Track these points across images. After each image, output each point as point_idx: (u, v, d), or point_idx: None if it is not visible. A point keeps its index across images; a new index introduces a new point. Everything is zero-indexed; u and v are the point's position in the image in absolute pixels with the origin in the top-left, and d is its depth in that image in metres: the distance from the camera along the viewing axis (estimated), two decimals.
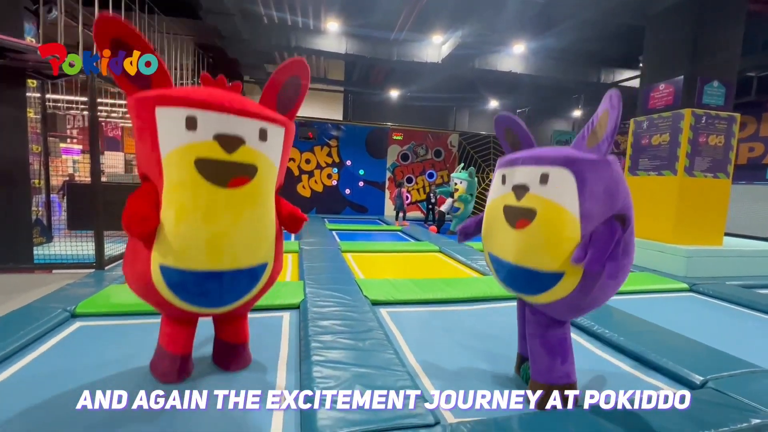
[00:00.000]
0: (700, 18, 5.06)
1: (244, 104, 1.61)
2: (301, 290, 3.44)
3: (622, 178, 1.73)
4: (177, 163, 1.49)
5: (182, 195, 1.49)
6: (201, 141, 1.49)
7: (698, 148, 5.15)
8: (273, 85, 1.78)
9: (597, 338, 2.88)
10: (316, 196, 11.14)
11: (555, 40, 8.67)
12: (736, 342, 2.90)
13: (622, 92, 6.77)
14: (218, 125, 1.51)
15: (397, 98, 13.39)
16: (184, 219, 1.50)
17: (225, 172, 1.53)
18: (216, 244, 1.54)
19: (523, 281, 1.80)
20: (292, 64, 1.80)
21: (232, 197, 1.55)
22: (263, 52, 10.02)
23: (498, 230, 1.85)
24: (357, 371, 2.03)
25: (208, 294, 1.63)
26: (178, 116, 1.49)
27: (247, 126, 1.58)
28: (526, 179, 1.72)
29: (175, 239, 1.50)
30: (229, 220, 1.55)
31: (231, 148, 1.53)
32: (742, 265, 5.08)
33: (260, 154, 1.62)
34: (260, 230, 1.68)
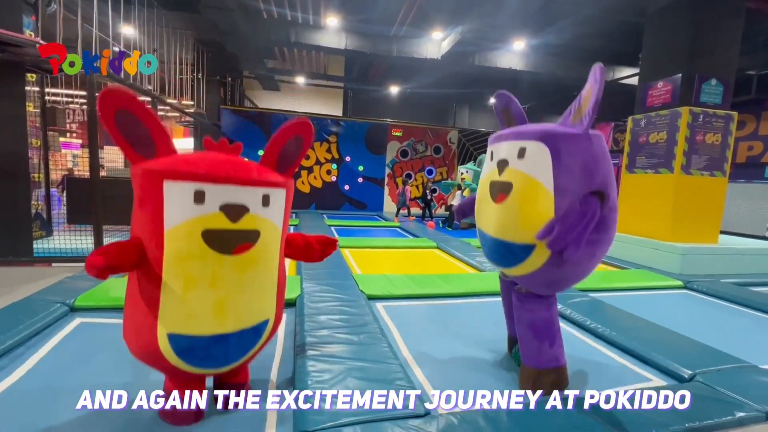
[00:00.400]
0: (699, 16, 5.06)
1: (248, 173, 1.66)
2: (298, 285, 3.47)
3: (604, 154, 1.72)
4: (184, 236, 1.53)
5: (189, 266, 1.54)
6: (208, 213, 1.54)
7: (695, 146, 5.17)
8: (276, 144, 1.82)
9: (591, 333, 2.91)
10: (315, 191, 11.17)
11: (555, 36, 8.66)
12: (727, 338, 2.94)
13: (621, 90, 6.79)
14: (224, 196, 1.57)
15: (397, 94, 13.38)
16: (192, 288, 1.55)
17: (230, 240, 1.59)
18: (222, 309, 1.61)
19: (500, 253, 1.85)
20: (296, 125, 1.86)
21: (236, 262, 1.61)
22: (262, 47, 10.00)
23: (484, 205, 1.91)
24: (351, 365, 2.07)
25: (215, 356, 1.70)
26: (186, 190, 1.52)
27: (250, 194, 1.64)
28: (507, 154, 1.76)
29: (183, 307, 1.56)
30: (233, 284, 1.61)
31: (236, 217, 1.59)
32: (737, 262, 5.12)
33: (263, 219, 1.69)
34: (262, 290, 1.75)
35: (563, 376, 1.90)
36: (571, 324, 3.09)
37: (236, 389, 2.10)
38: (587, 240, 1.66)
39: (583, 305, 3.33)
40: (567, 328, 3.01)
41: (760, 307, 3.71)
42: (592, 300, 3.50)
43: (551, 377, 1.89)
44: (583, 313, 3.14)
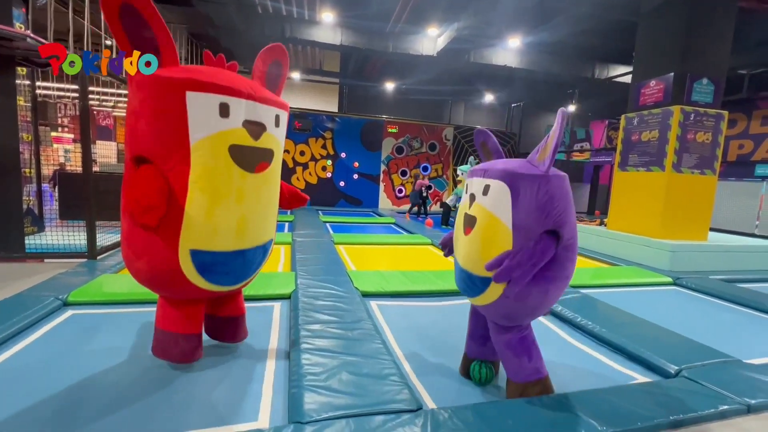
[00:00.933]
0: (691, 16, 5.10)
1: (263, 91, 1.70)
2: (292, 281, 3.49)
3: (563, 193, 1.76)
4: (211, 149, 1.51)
5: (216, 180, 1.53)
6: (233, 128, 1.54)
7: (686, 145, 5.23)
8: (259, 72, 1.88)
9: (580, 329, 2.96)
10: (311, 188, 11.15)
11: (550, 34, 8.67)
12: (714, 334, 3.01)
13: (615, 88, 6.88)
14: (246, 112, 1.58)
15: (393, 91, 13.35)
16: (219, 203, 1.54)
17: (253, 157, 1.61)
18: (244, 225, 1.64)
19: (465, 283, 1.96)
20: (271, 49, 1.91)
21: (256, 181, 1.64)
22: (257, 42, 9.91)
23: (458, 236, 2.00)
24: (344, 359, 2.10)
25: (233, 272, 1.73)
26: (211, 103, 1.50)
27: (267, 113, 1.67)
28: (476, 189, 1.87)
29: (209, 223, 1.54)
30: (254, 201, 1.65)
31: (257, 134, 1.61)
32: (725, 259, 5.21)
33: (276, 139, 1.73)
34: (272, 209, 1.83)
35: (547, 385, 1.95)
36: (561, 321, 3.14)
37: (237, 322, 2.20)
38: (543, 277, 1.73)
39: (573, 302, 3.38)
40: (557, 327, 3.06)
41: (747, 303, 3.79)
42: (583, 296, 3.56)
43: (536, 389, 1.94)
44: (574, 309, 3.19)
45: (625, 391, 1.99)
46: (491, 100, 14.81)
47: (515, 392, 1.95)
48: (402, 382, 1.91)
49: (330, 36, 8.89)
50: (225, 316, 2.11)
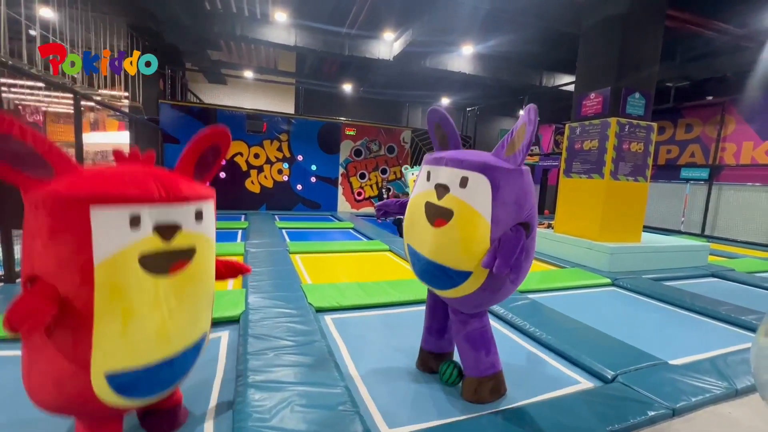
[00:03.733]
0: (625, 34, 5.50)
1: (179, 188, 1.54)
2: (242, 300, 3.33)
3: (532, 188, 1.86)
4: (121, 266, 1.38)
5: (127, 295, 1.40)
6: (144, 238, 1.42)
7: (622, 154, 5.65)
8: (192, 154, 1.71)
9: (529, 336, 3.09)
10: (266, 191, 10.79)
11: (499, 43, 9.02)
12: (645, 334, 3.27)
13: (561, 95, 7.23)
14: (157, 217, 1.45)
15: (351, 92, 13.25)
16: (132, 318, 1.41)
17: (166, 260, 1.49)
18: (165, 331, 1.50)
19: (435, 276, 1.90)
20: (214, 133, 1.75)
21: (173, 281, 1.51)
22: (205, 39, 9.41)
23: (418, 225, 1.93)
24: (294, 390, 2.02)
25: (161, 383, 1.59)
26: (120, 216, 1.36)
27: (183, 212, 1.54)
28: (448, 180, 1.80)
29: (125, 342, 1.41)
30: (173, 303, 1.51)
31: (169, 236, 1.49)
32: (656, 259, 5.69)
33: (197, 235, 1.59)
34: (201, 304, 1.66)
35: (501, 381, 2.02)
36: (512, 328, 3.26)
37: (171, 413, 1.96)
38: (519, 267, 1.78)
39: (523, 308, 3.53)
40: (509, 333, 3.17)
41: (672, 301, 4.16)
42: (531, 302, 3.72)
43: (490, 384, 2.01)
44: (523, 316, 3.32)
45: (567, 402, 2.09)
46: (448, 104, 15.16)
47: (471, 387, 2.01)
48: (353, 411, 1.88)
49: (284, 36, 8.64)
50: (157, 409, 1.87)
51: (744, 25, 7.79)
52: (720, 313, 3.75)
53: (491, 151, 1.89)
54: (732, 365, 2.60)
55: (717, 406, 2.19)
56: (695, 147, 11.08)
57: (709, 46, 8.70)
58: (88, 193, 1.32)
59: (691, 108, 11.09)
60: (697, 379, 2.38)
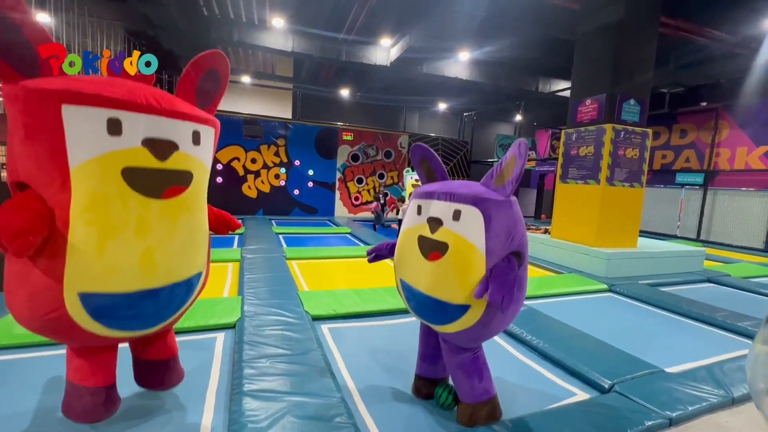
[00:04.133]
0: (619, 41, 5.55)
1: (174, 103, 1.44)
2: (238, 307, 3.31)
3: (521, 217, 1.87)
4: (98, 173, 1.27)
5: (107, 210, 1.29)
6: (127, 148, 1.30)
7: (618, 160, 5.68)
8: (189, 80, 1.61)
9: (526, 345, 3.08)
10: (263, 196, 10.77)
11: (496, 49, 9.08)
12: (641, 341, 3.27)
13: (557, 101, 7.30)
14: (147, 129, 1.33)
15: (348, 97, 13.28)
16: (113, 237, 1.31)
17: (159, 181, 1.37)
18: (151, 260, 1.39)
19: (432, 311, 1.88)
20: (209, 55, 1.65)
21: (166, 207, 1.40)
22: (202, 44, 9.42)
23: (411, 259, 1.92)
24: (290, 401, 2.00)
25: (142, 315, 1.48)
26: (96, 118, 1.26)
27: (179, 129, 1.42)
28: (441, 213, 1.80)
29: (101, 261, 1.30)
30: (164, 232, 1.41)
31: (164, 154, 1.37)
32: (652, 264, 5.70)
33: (194, 158, 1.48)
34: (196, 239, 1.57)
35: (496, 406, 2.00)
36: (509, 337, 3.25)
37: (167, 366, 1.88)
38: (515, 299, 1.77)
39: (520, 316, 3.52)
40: (505, 343, 3.16)
41: (668, 306, 4.17)
42: (528, 309, 3.71)
43: (485, 410, 1.98)
44: (520, 324, 3.31)
45: (564, 414, 2.08)
46: (445, 109, 15.22)
47: (465, 413, 1.99)
48: (350, 423, 1.86)
49: (281, 42, 8.66)
50: (151, 360, 1.85)
51: (736, 32, 7.88)
52: (716, 320, 3.76)
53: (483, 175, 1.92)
54: (728, 373, 2.60)
55: (713, 415, 2.19)
56: (690, 152, 11.16)
57: (702, 53, 8.79)
58: (60, 88, 1.23)
59: (686, 114, 11.18)
60: (694, 387, 2.38)
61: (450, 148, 13.12)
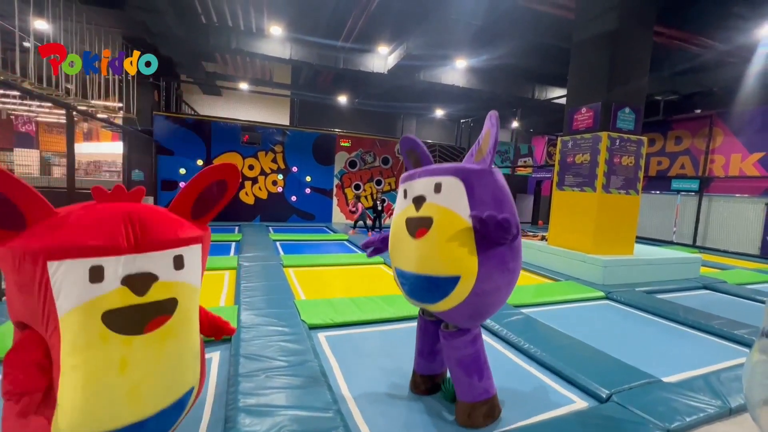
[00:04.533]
0: (614, 50, 5.62)
1: (153, 232, 1.39)
2: (234, 317, 3.29)
3: (507, 189, 1.88)
4: (80, 323, 1.27)
5: (90, 355, 1.29)
6: (108, 291, 1.29)
7: (613, 168, 5.72)
8: (194, 187, 1.56)
9: (523, 353, 3.07)
10: (261, 203, 10.75)
11: (493, 57, 9.16)
12: (639, 350, 3.26)
13: (554, 108, 7.40)
14: (126, 267, 1.32)
15: (346, 104, 13.34)
16: (95, 381, 1.30)
17: (139, 317, 1.34)
18: (137, 395, 1.36)
19: (425, 289, 1.89)
20: (222, 168, 1.59)
21: (150, 340, 1.37)
22: (200, 51, 9.46)
23: (402, 243, 1.94)
24: (286, 415, 1.99)
25: None
26: (78, 269, 1.26)
27: (158, 259, 1.39)
28: (423, 190, 1.84)
29: (86, 404, 1.30)
30: (150, 365, 1.37)
31: (142, 289, 1.35)
32: (648, 271, 5.72)
33: (178, 284, 1.43)
34: (185, 360, 1.50)
35: (495, 405, 1.99)
36: (507, 345, 3.24)
37: None
38: (507, 269, 1.80)
39: (517, 324, 3.52)
40: (504, 350, 3.15)
41: (665, 314, 4.18)
42: (525, 318, 3.71)
43: (484, 409, 1.98)
44: (517, 332, 3.31)
45: (562, 424, 2.08)
46: (442, 116, 15.31)
47: (463, 413, 1.98)
48: None
49: (279, 50, 8.71)
50: None
51: (729, 41, 7.99)
52: (713, 327, 3.77)
53: None
54: (725, 382, 2.60)
55: (711, 426, 2.19)
56: (685, 159, 11.26)
57: (695, 61, 8.91)
58: (43, 247, 1.24)
59: (680, 121, 11.30)
60: (691, 397, 2.38)
61: (447, 154, 13.18)
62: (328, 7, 7.55)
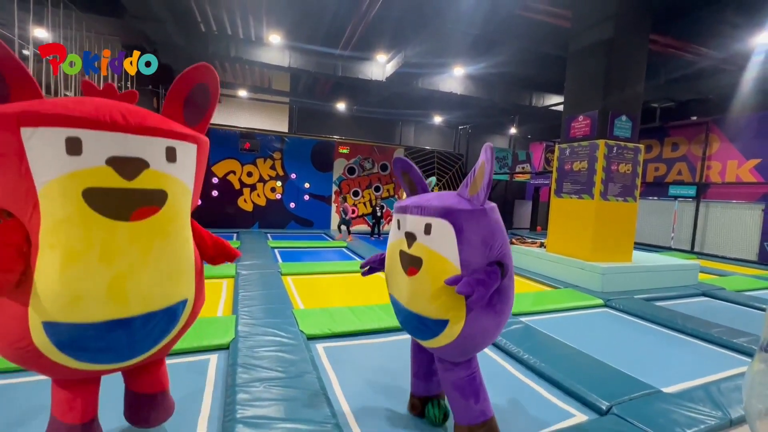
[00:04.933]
0: (610, 58, 5.67)
1: (144, 118, 1.38)
2: (232, 327, 3.26)
3: (500, 226, 1.84)
4: (58, 195, 1.23)
5: (69, 234, 1.24)
6: (89, 167, 1.24)
7: (611, 175, 5.74)
8: (176, 95, 1.55)
9: (522, 364, 3.06)
10: (259, 209, 10.74)
11: (490, 65, 9.24)
12: (638, 360, 3.25)
13: (551, 114, 7.44)
14: (112, 147, 1.28)
15: (344, 111, 13.40)
16: (74, 263, 1.25)
17: (126, 202, 1.30)
18: (120, 288, 1.31)
19: (414, 326, 1.89)
20: (197, 69, 1.57)
21: (137, 230, 1.32)
22: (201, 60, 9.51)
23: (395, 274, 1.94)
24: (284, 427, 1.97)
25: (114, 347, 1.39)
26: (54, 138, 1.22)
27: (150, 145, 1.35)
28: (414, 228, 1.81)
29: (64, 288, 1.25)
30: (135, 257, 1.33)
31: (131, 173, 1.31)
32: (647, 279, 5.72)
33: (169, 177, 1.40)
34: (176, 263, 1.46)
35: (492, 428, 1.96)
36: (505, 355, 3.22)
37: (155, 401, 1.77)
38: (494, 310, 1.77)
39: (516, 333, 3.50)
40: (503, 361, 3.13)
41: (664, 322, 4.17)
42: (524, 327, 3.69)
43: (482, 431, 1.95)
44: (516, 342, 3.30)
45: None
46: (440, 122, 15.37)
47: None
48: None
49: (278, 57, 8.76)
50: (137, 393, 1.75)
51: (723, 49, 8.08)
52: (712, 336, 3.76)
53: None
54: (725, 393, 2.59)
55: None
56: (682, 165, 11.31)
57: (690, 69, 8.99)
58: (17, 111, 1.21)
59: (677, 127, 11.37)
60: (692, 409, 2.37)
61: (446, 160, 13.22)
62: (327, 15, 7.61)
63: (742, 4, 6.58)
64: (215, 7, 7.34)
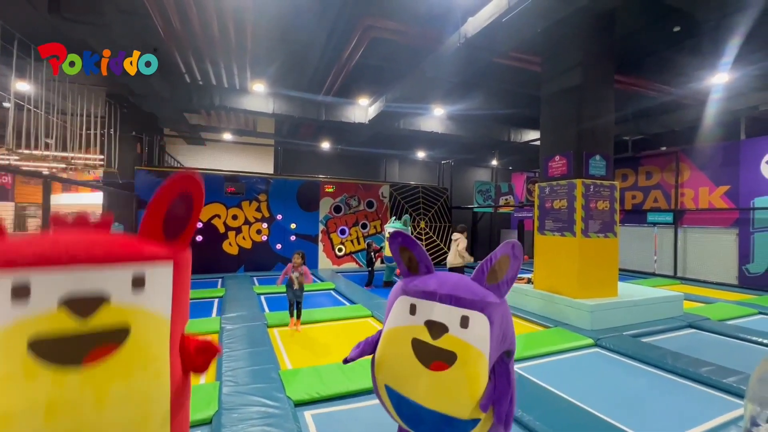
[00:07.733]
0: (580, 103, 5.98)
1: (110, 245, 1.23)
2: (215, 397, 3.12)
3: (511, 316, 1.85)
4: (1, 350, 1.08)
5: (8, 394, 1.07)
6: (38, 314, 1.10)
7: (590, 213, 5.91)
8: (157, 208, 1.41)
9: (516, 422, 2.99)
10: (244, 252, 10.58)
11: (469, 106, 9.64)
12: (632, 408, 3.23)
13: (530, 148, 7.67)
14: (67, 285, 1.14)
15: (329, 150, 13.63)
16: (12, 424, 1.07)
17: (76, 346, 1.14)
18: None
19: (435, 426, 1.69)
20: (179, 180, 1.44)
21: (91, 378, 1.14)
22: (185, 109, 9.65)
23: (402, 364, 1.73)
24: None
25: None
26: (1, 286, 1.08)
27: (112, 277, 1.20)
28: (445, 319, 1.64)
29: None
30: (89, 406, 1.14)
31: (86, 311, 1.14)
32: (634, 313, 5.76)
33: (133, 308, 1.23)
34: (142, 407, 1.26)
35: None
36: None
37: None
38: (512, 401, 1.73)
39: None
40: None
41: (654, 362, 4.18)
42: (517, 377, 3.64)
43: None
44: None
45: None
46: (423, 157, 15.75)
47: None
48: None
49: (262, 104, 8.96)
50: None
51: (683, 86, 8.65)
52: (701, 375, 3.77)
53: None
54: None
55: None
56: (657, 193, 11.74)
57: (654, 104, 9.56)
58: None
59: (649, 157, 11.89)
60: None
61: (430, 195, 13.42)
62: (309, 65, 7.90)
63: (696, 47, 7.12)
64: (200, 60, 7.55)
